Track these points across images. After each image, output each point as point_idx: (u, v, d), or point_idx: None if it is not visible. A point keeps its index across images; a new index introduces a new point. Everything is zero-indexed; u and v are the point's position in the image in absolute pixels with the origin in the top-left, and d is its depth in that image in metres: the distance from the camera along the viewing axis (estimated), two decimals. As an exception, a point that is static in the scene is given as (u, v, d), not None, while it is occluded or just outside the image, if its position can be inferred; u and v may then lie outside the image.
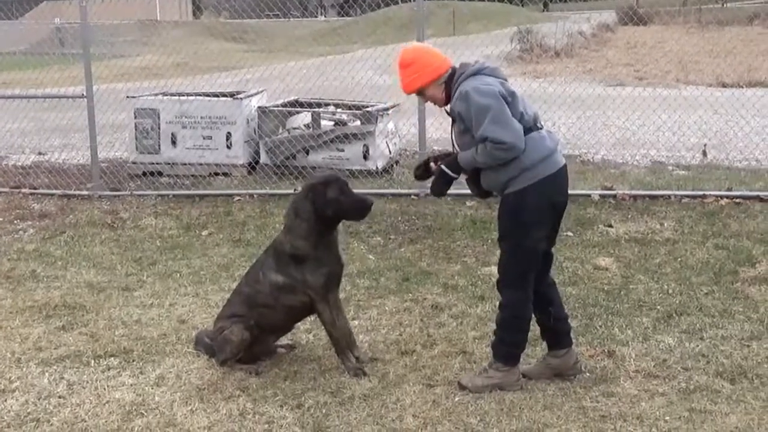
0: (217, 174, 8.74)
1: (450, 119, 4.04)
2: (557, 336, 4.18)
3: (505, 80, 3.95)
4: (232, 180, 8.61)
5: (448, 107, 4.01)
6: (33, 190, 8.62)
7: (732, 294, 5.28)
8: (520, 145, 3.74)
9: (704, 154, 9.03)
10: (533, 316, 4.12)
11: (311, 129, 8.75)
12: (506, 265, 4.00)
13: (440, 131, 9.08)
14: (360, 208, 4.23)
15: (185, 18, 46.80)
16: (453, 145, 4.09)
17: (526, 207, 3.84)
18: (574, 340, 4.32)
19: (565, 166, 3.95)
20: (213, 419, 3.88)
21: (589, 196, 7.44)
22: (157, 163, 8.87)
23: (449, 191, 4.11)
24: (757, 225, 6.62)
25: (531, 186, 3.82)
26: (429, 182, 4.20)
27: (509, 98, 3.81)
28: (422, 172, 4.16)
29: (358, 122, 8.66)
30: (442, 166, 4.00)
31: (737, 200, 7.20)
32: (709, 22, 23.77)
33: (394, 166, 8.90)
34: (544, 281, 4.12)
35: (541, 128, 3.91)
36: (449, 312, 5.14)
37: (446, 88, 3.97)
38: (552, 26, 22.69)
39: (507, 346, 4.06)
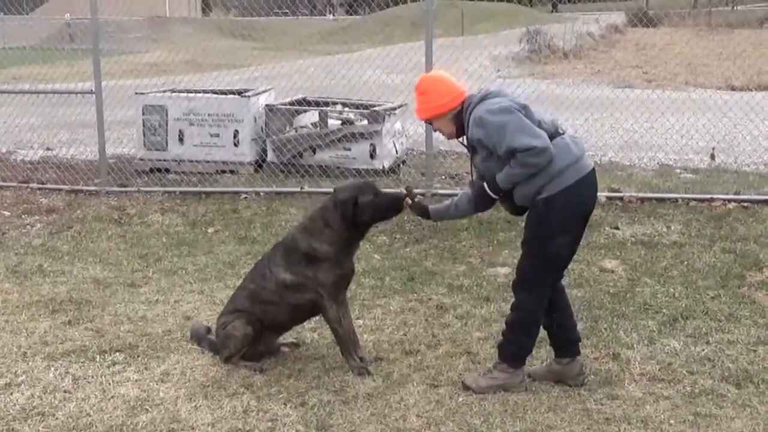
0: (223, 171, 8.75)
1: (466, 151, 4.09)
2: (560, 343, 4.18)
3: (514, 98, 3.98)
4: (238, 178, 8.62)
5: (462, 139, 4.06)
6: (41, 185, 8.64)
7: (738, 298, 5.26)
8: (550, 146, 3.75)
9: (712, 157, 9.00)
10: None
11: (318, 128, 8.75)
12: (526, 268, 4.00)
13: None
14: (394, 205, 4.25)
15: (194, 15, 46.87)
16: (472, 173, 4.13)
17: (555, 213, 3.85)
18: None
19: (593, 170, 3.96)
20: (217, 416, 3.89)
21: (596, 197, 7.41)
22: (165, 160, 8.89)
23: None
24: (765, 229, 6.60)
25: (560, 192, 3.83)
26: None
27: (522, 111, 3.84)
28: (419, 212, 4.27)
29: (366, 121, 8.66)
30: (485, 185, 3.99)
31: (745, 204, 7.17)
32: (718, 24, 23.71)
33: (401, 165, 8.90)
34: (555, 288, 4.12)
35: (563, 134, 3.91)
36: (454, 312, 5.14)
37: (457, 121, 4.01)
38: (561, 27, 22.66)
39: (514, 348, 4.06)
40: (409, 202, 4.22)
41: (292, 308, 4.35)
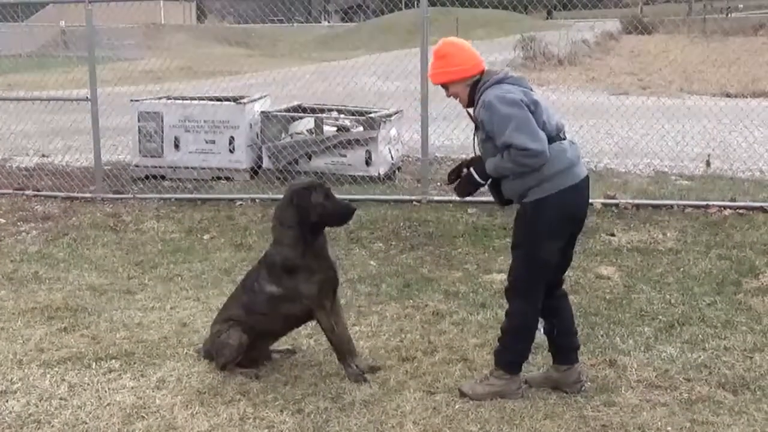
0: (219, 178, 8.75)
1: (473, 125, 4.05)
2: (559, 350, 4.17)
3: (530, 89, 3.94)
4: (234, 184, 8.61)
5: (471, 110, 4.02)
6: (36, 192, 8.63)
7: (735, 305, 5.27)
8: (546, 151, 3.73)
9: (708, 164, 9.02)
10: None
11: (314, 134, 8.75)
12: (517, 275, 3.99)
13: (443, 138, 9.10)
14: (343, 214, 4.29)
15: (189, 22, 46.89)
16: (474, 149, 4.09)
17: (543, 217, 3.83)
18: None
19: (586, 178, 3.94)
20: (213, 423, 3.87)
21: (592, 204, 7.38)
22: (160, 167, 8.89)
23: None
24: (761, 236, 6.61)
25: (549, 196, 3.81)
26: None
27: (532, 107, 3.80)
28: (456, 176, 4.17)
29: (361, 128, 8.67)
30: (471, 170, 3.99)
31: (741, 211, 7.19)
32: (713, 31, 23.82)
33: (396, 172, 8.90)
34: (555, 293, 4.11)
35: (563, 139, 3.90)
36: (450, 319, 5.13)
37: (471, 91, 3.97)
38: (556, 34, 22.75)
39: (510, 354, 4.06)
40: (465, 171, 4.07)
41: (286, 318, 4.36)
